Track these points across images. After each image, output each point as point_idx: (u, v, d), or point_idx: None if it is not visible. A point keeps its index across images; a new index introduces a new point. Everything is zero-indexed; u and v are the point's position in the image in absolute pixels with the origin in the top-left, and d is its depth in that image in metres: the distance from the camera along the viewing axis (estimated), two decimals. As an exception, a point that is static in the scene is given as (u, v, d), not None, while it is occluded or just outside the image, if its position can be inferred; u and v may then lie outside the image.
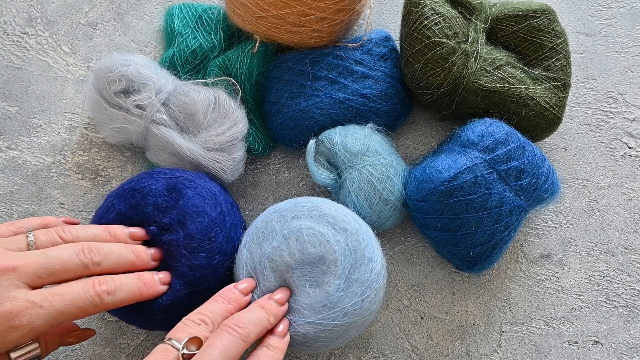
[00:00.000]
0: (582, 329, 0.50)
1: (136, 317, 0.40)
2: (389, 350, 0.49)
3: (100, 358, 0.48)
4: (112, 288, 0.35)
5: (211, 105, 0.47)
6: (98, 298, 0.34)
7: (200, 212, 0.40)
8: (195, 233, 0.39)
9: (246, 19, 0.48)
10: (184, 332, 0.33)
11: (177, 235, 0.39)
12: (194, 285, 0.39)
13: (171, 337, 0.33)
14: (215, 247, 0.40)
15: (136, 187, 0.42)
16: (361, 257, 0.40)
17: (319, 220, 0.41)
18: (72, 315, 0.33)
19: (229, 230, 0.42)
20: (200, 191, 0.42)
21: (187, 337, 0.33)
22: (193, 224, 0.40)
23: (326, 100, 0.49)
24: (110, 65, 0.47)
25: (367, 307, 0.39)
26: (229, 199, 0.45)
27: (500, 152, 0.44)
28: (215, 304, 0.37)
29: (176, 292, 0.39)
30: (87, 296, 0.33)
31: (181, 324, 0.34)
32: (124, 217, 0.41)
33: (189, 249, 0.39)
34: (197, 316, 0.35)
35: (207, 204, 0.41)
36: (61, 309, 0.32)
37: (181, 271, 0.39)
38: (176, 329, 0.34)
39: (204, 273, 0.39)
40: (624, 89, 0.57)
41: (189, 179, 0.42)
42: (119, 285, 0.36)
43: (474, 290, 0.51)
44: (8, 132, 0.54)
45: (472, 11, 0.49)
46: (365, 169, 0.46)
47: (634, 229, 0.53)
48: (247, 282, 0.40)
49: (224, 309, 0.36)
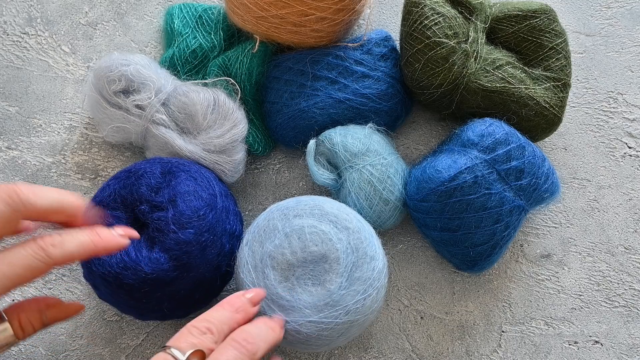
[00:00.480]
0: (582, 329, 0.50)
1: (121, 293, 0.40)
2: (389, 350, 0.49)
3: (100, 358, 0.48)
4: (58, 240, 0.32)
5: (210, 107, 0.47)
6: (42, 251, 0.31)
7: (192, 191, 0.41)
8: (185, 210, 0.40)
9: (246, 19, 0.48)
10: (187, 342, 0.31)
11: (167, 213, 0.40)
12: (178, 259, 0.39)
13: (173, 345, 0.31)
14: (203, 225, 0.40)
15: (132, 169, 0.43)
16: (363, 256, 0.40)
17: (321, 219, 0.41)
18: (18, 276, 0.30)
19: (220, 212, 0.42)
20: (194, 174, 0.43)
21: (191, 349, 0.31)
22: (183, 202, 0.40)
23: (326, 100, 0.49)
24: (110, 64, 0.47)
25: (369, 305, 0.39)
26: (223, 187, 0.46)
27: (500, 152, 0.44)
28: (223, 312, 0.35)
29: (161, 266, 0.39)
30: (29, 252, 0.30)
31: (185, 331, 0.33)
32: (117, 196, 0.42)
33: (178, 224, 0.40)
34: (203, 324, 0.33)
35: (199, 185, 0.42)
36: (4, 270, 0.29)
37: (167, 245, 0.39)
38: (179, 336, 0.32)
39: (190, 249, 0.40)
40: (624, 89, 0.57)
41: (183, 164, 0.44)
42: (64, 237, 0.32)
43: (474, 290, 0.51)
44: (8, 132, 0.54)
45: (472, 11, 0.49)
46: (366, 169, 0.46)
47: (634, 229, 0.53)
48: (255, 292, 0.38)
49: (230, 318, 0.35)
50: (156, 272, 0.39)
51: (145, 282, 0.39)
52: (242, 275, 0.41)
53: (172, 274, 0.40)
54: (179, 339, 0.32)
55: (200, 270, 0.41)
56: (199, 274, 0.41)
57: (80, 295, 0.50)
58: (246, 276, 0.40)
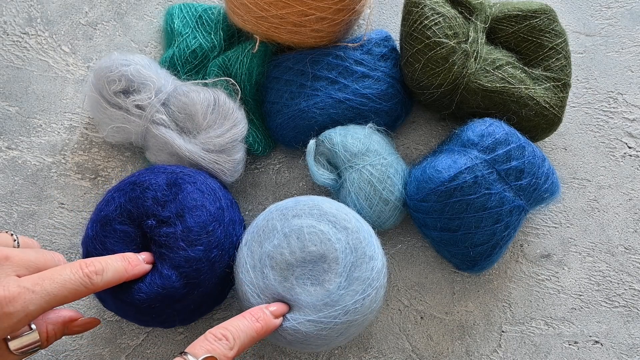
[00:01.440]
0: (582, 329, 0.50)
1: (131, 309, 0.40)
2: (389, 350, 0.49)
3: (100, 358, 0.48)
4: (100, 268, 0.35)
5: (210, 106, 0.47)
6: (87, 279, 0.34)
7: (199, 205, 0.41)
8: (194, 226, 0.40)
9: (246, 19, 0.48)
10: (202, 349, 0.33)
11: (175, 228, 0.40)
12: (189, 277, 0.39)
13: (189, 351, 0.33)
14: (213, 240, 0.40)
15: (136, 181, 0.42)
16: (362, 255, 0.40)
17: (320, 219, 0.41)
18: (64, 298, 0.33)
19: (228, 226, 0.42)
20: (200, 186, 0.42)
21: (205, 354, 0.32)
22: (192, 218, 0.40)
23: (326, 100, 0.49)
24: (110, 64, 0.47)
25: (368, 305, 0.39)
26: (228, 196, 0.45)
27: (500, 152, 0.44)
28: (242, 321, 0.36)
29: (171, 283, 0.39)
30: (77, 277, 0.34)
31: (202, 338, 0.34)
32: (123, 210, 0.41)
33: (187, 241, 0.39)
34: (220, 330, 0.34)
35: (207, 199, 0.41)
36: (53, 292, 0.32)
37: (177, 263, 0.39)
38: (196, 343, 0.34)
39: (200, 266, 0.39)
40: (624, 89, 0.57)
41: (189, 174, 0.43)
42: (105, 265, 0.36)
43: (474, 290, 0.51)
44: (8, 132, 0.54)
45: (472, 11, 0.49)
46: (365, 169, 0.46)
47: (634, 229, 0.53)
48: (278, 306, 0.39)
49: (249, 327, 0.36)
50: (167, 289, 0.39)
51: (156, 299, 0.39)
52: (241, 275, 0.41)
53: (182, 290, 0.39)
54: (195, 346, 0.33)
55: (209, 285, 0.41)
56: (208, 288, 0.41)
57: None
58: (245, 276, 0.40)
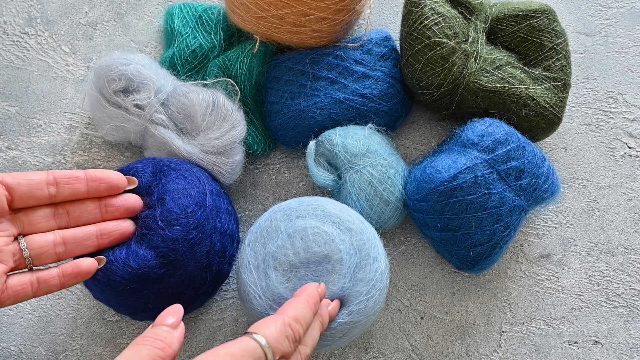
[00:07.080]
0: (582, 329, 0.50)
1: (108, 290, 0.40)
2: (389, 350, 0.49)
3: (100, 358, 0.48)
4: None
5: (209, 108, 0.47)
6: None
7: (180, 189, 0.41)
8: (173, 207, 0.40)
9: (246, 19, 0.48)
10: (283, 344, 0.32)
11: (155, 211, 0.40)
12: (165, 257, 0.39)
13: (265, 340, 0.31)
14: (192, 222, 0.41)
15: (125, 168, 0.43)
16: (366, 257, 0.40)
17: (324, 220, 0.41)
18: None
19: (210, 211, 0.42)
20: (184, 173, 0.43)
21: (281, 354, 0.32)
22: (172, 200, 0.41)
23: (326, 100, 0.49)
24: (111, 63, 0.47)
25: (372, 306, 0.39)
26: (216, 186, 0.46)
27: (500, 152, 0.44)
28: (317, 331, 0.36)
29: (147, 263, 0.39)
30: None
31: (282, 328, 0.32)
32: None
33: (166, 222, 0.40)
34: (297, 327, 0.33)
35: (189, 184, 0.42)
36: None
37: (154, 243, 0.39)
38: (278, 333, 0.32)
39: (176, 246, 0.40)
40: (624, 89, 0.57)
41: (175, 163, 0.44)
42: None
43: (474, 290, 0.51)
44: (8, 132, 0.54)
45: (472, 11, 0.49)
46: (366, 169, 0.46)
47: (634, 229, 0.53)
48: (335, 304, 0.39)
49: (309, 324, 0.35)
50: (142, 269, 0.39)
51: (132, 279, 0.39)
52: (244, 276, 0.41)
53: (159, 271, 0.40)
54: (277, 339, 0.32)
55: (188, 268, 0.41)
56: (187, 272, 0.41)
57: (80, 295, 0.50)
58: (248, 277, 0.40)
